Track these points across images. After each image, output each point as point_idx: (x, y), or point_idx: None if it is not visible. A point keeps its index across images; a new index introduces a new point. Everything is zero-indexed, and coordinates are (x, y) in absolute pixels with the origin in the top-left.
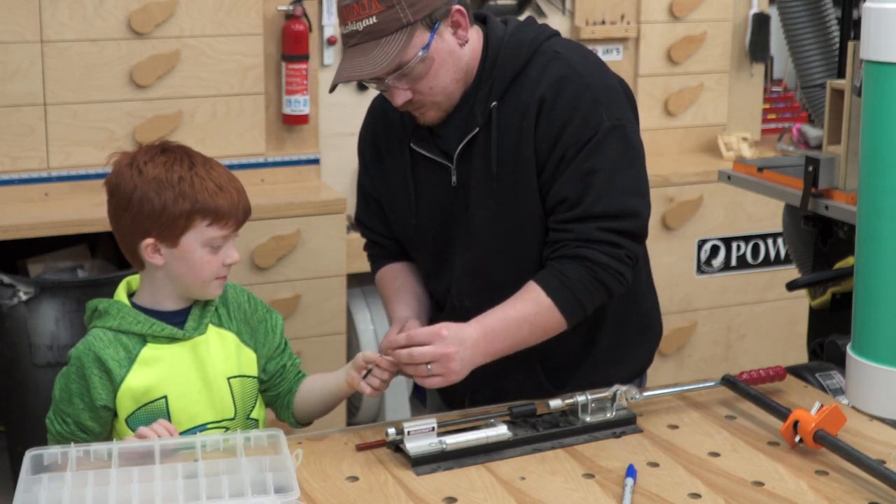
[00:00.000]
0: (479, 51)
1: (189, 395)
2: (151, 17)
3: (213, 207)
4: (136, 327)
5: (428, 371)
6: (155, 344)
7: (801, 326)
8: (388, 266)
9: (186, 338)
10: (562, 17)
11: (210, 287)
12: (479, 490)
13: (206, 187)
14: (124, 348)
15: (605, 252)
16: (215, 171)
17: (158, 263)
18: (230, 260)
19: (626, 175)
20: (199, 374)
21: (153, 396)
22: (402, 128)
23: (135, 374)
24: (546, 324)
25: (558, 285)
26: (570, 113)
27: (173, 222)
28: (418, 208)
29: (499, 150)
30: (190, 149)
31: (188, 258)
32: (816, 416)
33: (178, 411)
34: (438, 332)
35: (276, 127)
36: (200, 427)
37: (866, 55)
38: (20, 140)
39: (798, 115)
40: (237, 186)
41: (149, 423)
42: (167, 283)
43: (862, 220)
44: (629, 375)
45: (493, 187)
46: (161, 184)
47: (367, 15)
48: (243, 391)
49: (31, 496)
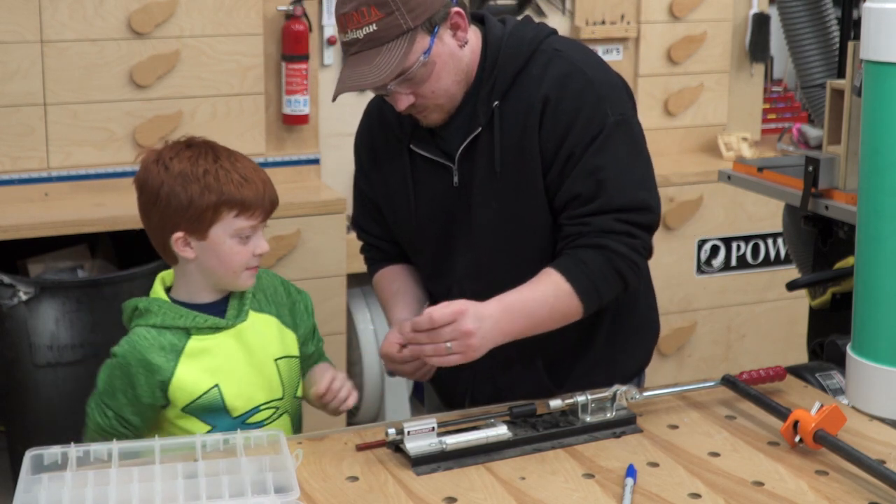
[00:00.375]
0: (479, 51)
1: (241, 380)
2: (151, 17)
3: (239, 198)
4: (180, 321)
5: (448, 349)
6: (200, 336)
7: (801, 326)
8: (385, 269)
9: (230, 326)
10: (562, 16)
11: (241, 278)
12: (479, 490)
13: (232, 179)
14: (170, 344)
15: (623, 242)
16: (240, 162)
17: (190, 257)
18: (260, 250)
19: (635, 170)
20: (247, 360)
21: (205, 388)
22: (401, 129)
23: (183, 368)
24: (564, 308)
25: (577, 272)
26: (575, 111)
27: (201, 215)
28: (418, 210)
29: (502, 149)
30: (215, 143)
31: (218, 250)
32: (816, 416)
33: (232, 397)
34: (459, 310)
35: (276, 127)
36: (255, 409)
37: (866, 55)
38: (20, 140)
39: (798, 115)
40: (263, 177)
41: (207, 411)
42: (200, 277)
43: (862, 220)
44: (628, 373)
45: (497, 186)
46: (187, 178)
47: (367, 22)
48: (289, 371)
49: (31, 496)
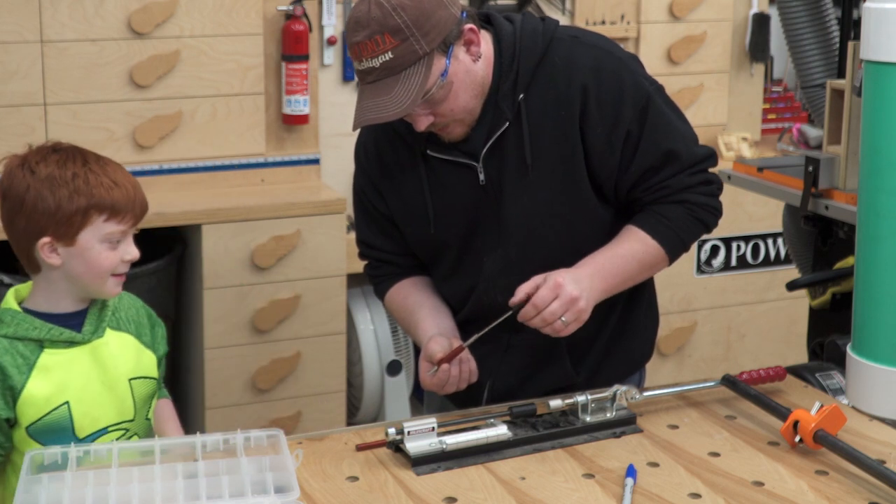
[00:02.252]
0: (492, 55)
1: (92, 399)
2: (151, 17)
3: (109, 202)
4: (34, 333)
5: (564, 323)
6: (53, 349)
7: (801, 326)
8: (396, 286)
9: (85, 341)
10: (562, 16)
11: (108, 285)
12: (479, 490)
13: (102, 182)
14: (21, 356)
15: (702, 192)
16: (110, 167)
17: (55, 263)
18: (129, 256)
19: (686, 126)
20: (100, 378)
21: (55, 404)
22: (413, 137)
23: (35, 382)
24: (653, 261)
25: (659, 225)
26: (618, 91)
27: (69, 219)
28: (437, 215)
29: (532, 142)
30: (83, 148)
31: (86, 255)
32: (816, 416)
33: (80, 416)
34: (557, 283)
35: (276, 127)
36: (102, 431)
37: (866, 55)
38: (20, 140)
39: (798, 115)
40: (133, 182)
41: (53, 430)
42: (64, 284)
43: (862, 220)
44: (634, 363)
45: (528, 179)
46: (55, 182)
47: (383, 51)
48: (143, 392)
49: (31, 496)
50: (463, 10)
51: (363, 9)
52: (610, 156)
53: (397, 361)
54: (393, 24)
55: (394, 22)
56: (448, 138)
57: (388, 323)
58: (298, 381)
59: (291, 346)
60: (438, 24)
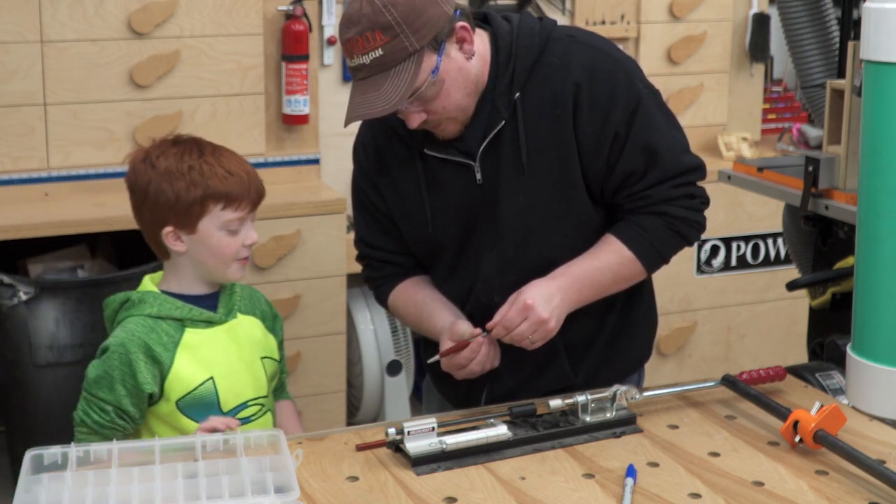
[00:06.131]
0: (488, 54)
1: (233, 375)
2: (151, 17)
3: (224, 191)
4: (176, 312)
5: (532, 341)
6: (194, 328)
7: (801, 326)
8: (402, 285)
9: (222, 321)
10: (561, 17)
11: (231, 269)
12: (479, 490)
13: (216, 173)
14: (166, 334)
15: (683, 206)
16: (224, 157)
17: (181, 250)
18: (249, 240)
19: (676, 134)
20: (237, 355)
21: (201, 379)
22: (410, 136)
23: (181, 359)
24: (628, 273)
25: (637, 236)
26: (610, 92)
27: (188, 209)
28: (434, 214)
29: (528, 140)
30: (201, 139)
31: (207, 242)
32: (816, 416)
33: (224, 390)
34: (526, 306)
35: (276, 127)
36: (242, 405)
37: (866, 55)
38: (20, 140)
39: (798, 115)
40: (248, 170)
41: (200, 405)
42: (192, 269)
43: (862, 220)
44: (633, 363)
45: (524, 178)
46: (173, 174)
47: (373, 47)
48: (271, 371)
49: (31, 496)
50: (457, 9)
51: (355, 6)
52: (598, 156)
53: (397, 361)
54: (383, 20)
55: (384, 19)
56: (442, 136)
57: (388, 323)
58: (298, 381)
59: (292, 346)
60: (430, 22)
